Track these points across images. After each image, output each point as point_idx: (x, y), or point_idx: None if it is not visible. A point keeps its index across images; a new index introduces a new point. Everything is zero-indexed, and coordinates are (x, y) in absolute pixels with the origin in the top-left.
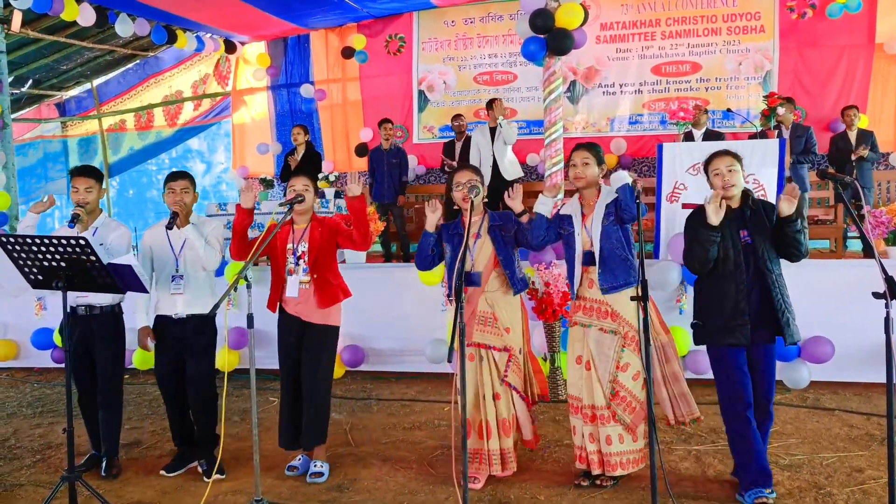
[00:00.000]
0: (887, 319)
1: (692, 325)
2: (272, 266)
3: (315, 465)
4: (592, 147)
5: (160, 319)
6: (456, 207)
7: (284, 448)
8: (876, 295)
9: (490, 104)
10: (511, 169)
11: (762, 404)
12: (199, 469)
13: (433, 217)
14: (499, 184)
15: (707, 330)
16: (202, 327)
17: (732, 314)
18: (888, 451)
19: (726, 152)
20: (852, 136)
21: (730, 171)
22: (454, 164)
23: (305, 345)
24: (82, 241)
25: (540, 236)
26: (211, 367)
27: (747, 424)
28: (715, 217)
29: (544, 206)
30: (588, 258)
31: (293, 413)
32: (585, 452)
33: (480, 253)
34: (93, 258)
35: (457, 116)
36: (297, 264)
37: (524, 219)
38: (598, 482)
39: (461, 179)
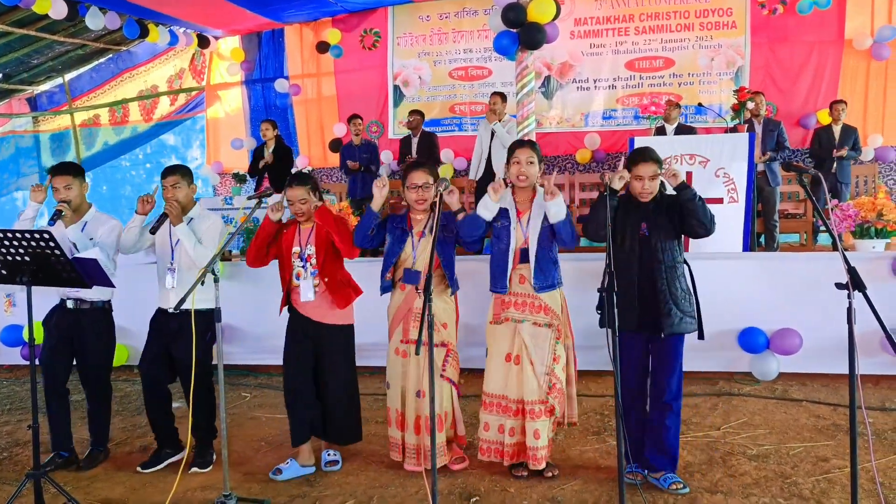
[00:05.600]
0: (850, 310)
1: (597, 310)
2: (280, 268)
3: (328, 455)
4: (535, 145)
5: (157, 313)
6: (404, 204)
7: (296, 445)
8: (839, 286)
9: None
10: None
11: (658, 399)
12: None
13: (379, 194)
14: (490, 180)
15: (604, 314)
16: (191, 322)
17: (622, 299)
18: (850, 440)
19: (654, 159)
20: (837, 130)
21: (652, 179)
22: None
23: (325, 350)
24: (46, 235)
25: (474, 235)
26: (202, 359)
27: (628, 412)
28: (617, 183)
29: (487, 210)
30: (522, 255)
31: (301, 410)
32: (502, 446)
33: (424, 252)
34: (57, 252)
35: (412, 112)
36: (304, 267)
37: (459, 216)
38: (545, 473)
39: (417, 181)
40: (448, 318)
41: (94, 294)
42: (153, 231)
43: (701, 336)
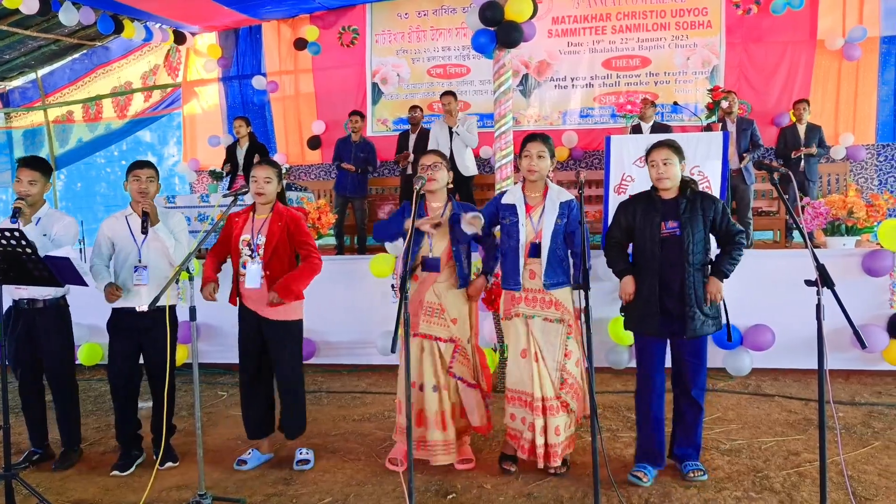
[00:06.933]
0: (818, 307)
1: (621, 311)
2: (231, 258)
3: (301, 453)
4: (547, 139)
5: (120, 312)
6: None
7: (251, 438)
8: (808, 282)
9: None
10: (470, 166)
11: (686, 394)
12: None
13: (427, 228)
14: (456, 179)
15: (627, 317)
16: (165, 319)
17: (645, 304)
18: (819, 435)
19: (666, 144)
20: (801, 129)
21: (665, 163)
22: (410, 155)
23: (269, 343)
24: (17, 233)
25: (467, 240)
26: (172, 358)
27: (647, 409)
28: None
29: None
30: (534, 250)
31: (253, 405)
32: (533, 446)
33: (440, 241)
34: (28, 250)
35: (413, 108)
36: (251, 256)
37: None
38: (551, 471)
39: (426, 162)
40: (458, 312)
41: (45, 291)
42: (144, 232)
43: (729, 338)
